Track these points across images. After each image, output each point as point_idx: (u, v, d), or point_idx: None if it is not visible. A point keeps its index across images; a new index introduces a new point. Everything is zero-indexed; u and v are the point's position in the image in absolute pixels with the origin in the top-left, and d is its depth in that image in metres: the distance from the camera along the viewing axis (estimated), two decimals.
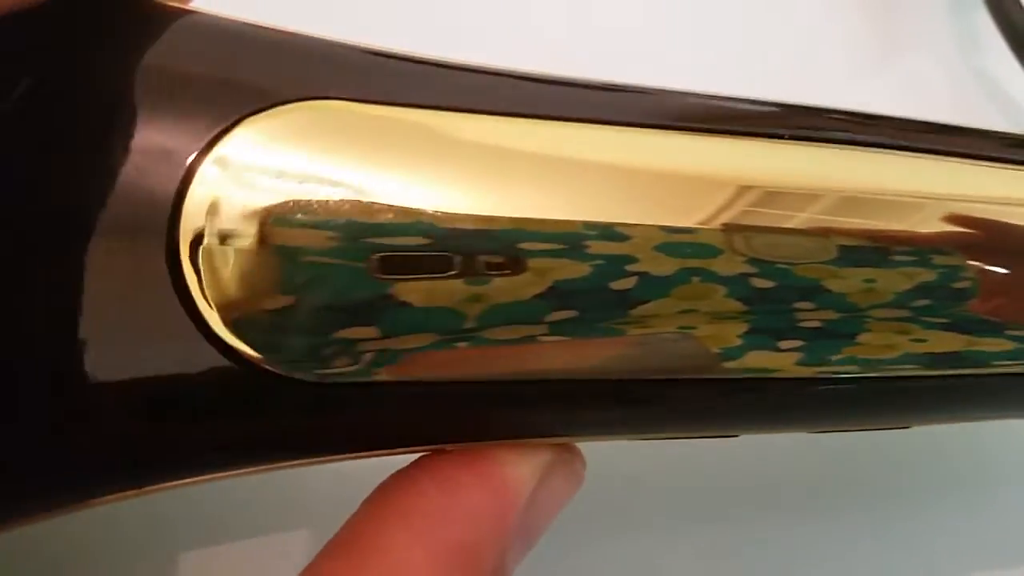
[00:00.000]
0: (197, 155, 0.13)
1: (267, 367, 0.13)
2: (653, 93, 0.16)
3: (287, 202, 0.13)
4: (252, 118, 0.13)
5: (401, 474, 0.14)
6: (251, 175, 0.13)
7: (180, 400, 0.13)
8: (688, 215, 0.14)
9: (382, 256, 0.13)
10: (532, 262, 0.13)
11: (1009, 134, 0.18)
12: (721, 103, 0.16)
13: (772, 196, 0.15)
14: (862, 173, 0.15)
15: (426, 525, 0.14)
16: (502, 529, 0.14)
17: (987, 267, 0.15)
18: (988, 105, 0.27)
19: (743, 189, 0.14)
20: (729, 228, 0.14)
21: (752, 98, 0.16)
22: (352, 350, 0.13)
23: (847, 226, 0.15)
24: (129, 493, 0.14)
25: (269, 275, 0.13)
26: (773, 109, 0.16)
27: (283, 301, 0.13)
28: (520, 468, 0.15)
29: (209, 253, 0.12)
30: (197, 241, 0.12)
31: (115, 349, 0.12)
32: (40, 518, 0.14)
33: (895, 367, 0.15)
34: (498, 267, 0.13)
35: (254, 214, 0.12)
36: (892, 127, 0.17)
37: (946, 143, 0.16)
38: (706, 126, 0.15)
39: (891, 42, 0.28)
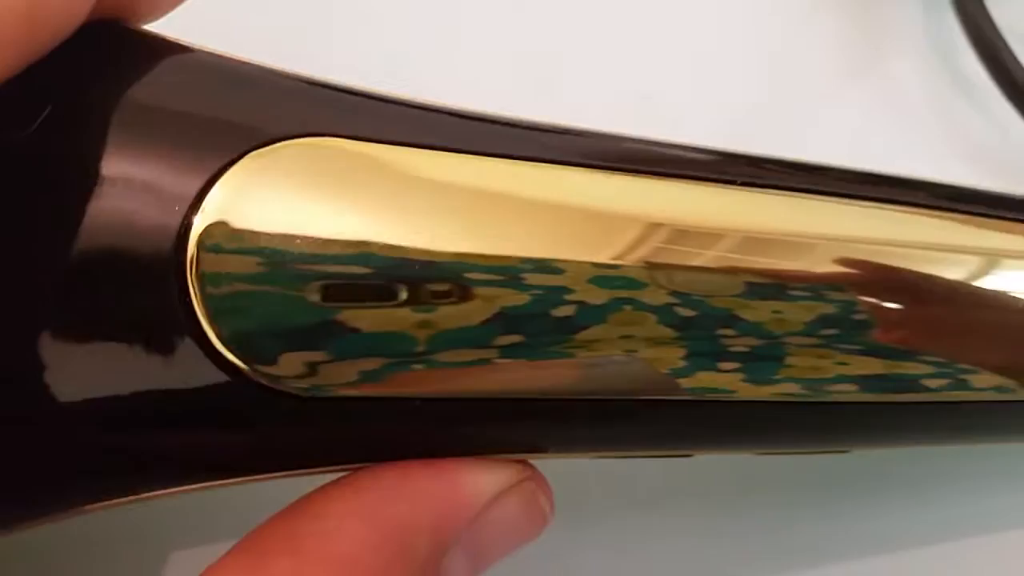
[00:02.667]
0: (203, 186, 0.14)
1: (255, 379, 0.14)
2: (590, 136, 0.17)
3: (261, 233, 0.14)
4: (250, 154, 0.14)
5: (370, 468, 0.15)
6: (244, 208, 0.14)
7: (173, 409, 0.14)
8: (612, 250, 0.15)
9: (325, 284, 0.14)
10: (478, 290, 0.14)
11: (910, 178, 0.19)
12: (648, 148, 0.17)
13: (683, 234, 0.16)
14: (765, 215, 0.16)
15: (371, 500, 0.14)
16: (444, 524, 0.15)
17: (880, 303, 0.16)
18: (961, 107, 0.28)
19: (660, 227, 0.16)
20: (651, 265, 0.15)
21: (683, 144, 0.17)
22: (318, 370, 0.14)
23: (750, 264, 0.16)
24: (116, 501, 0.15)
25: (251, 300, 0.14)
26: (700, 156, 0.17)
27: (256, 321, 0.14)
28: (477, 477, 0.15)
29: (205, 275, 0.13)
30: (196, 263, 0.13)
31: (117, 361, 0.13)
32: (34, 523, 0.15)
33: (834, 386, 0.16)
34: (445, 295, 0.14)
35: (244, 239, 0.14)
36: (799, 172, 0.18)
37: (844, 187, 0.18)
38: (631, 167, 0.16)
39: (866, 48, 0.28)
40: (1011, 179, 0.27)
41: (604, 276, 0.15)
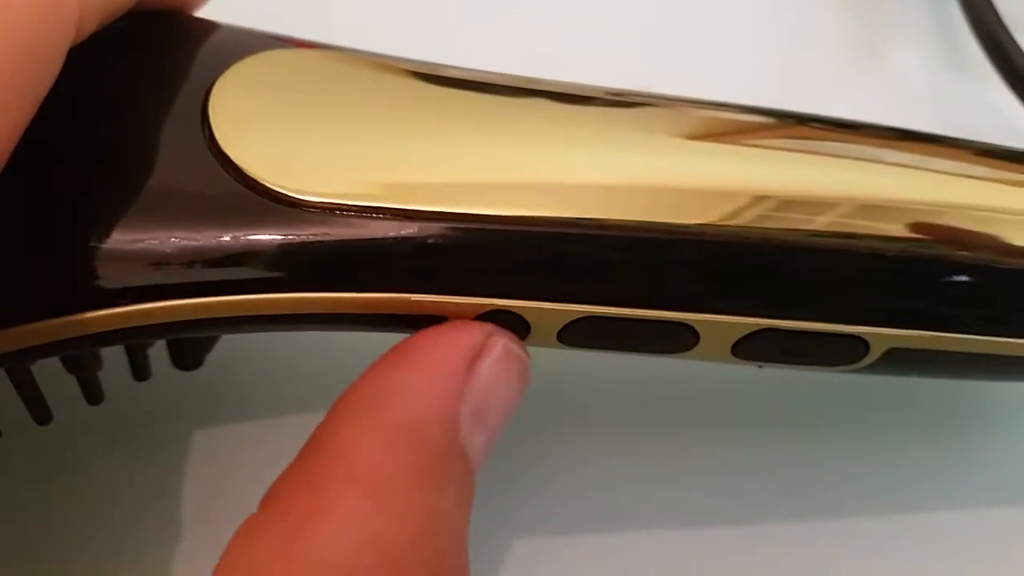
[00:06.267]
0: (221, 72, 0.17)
1: (278, 191, 0.16)
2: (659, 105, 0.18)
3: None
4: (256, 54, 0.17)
5: (346, 389, 0.15)
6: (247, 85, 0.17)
7: (199, 220, 0.16)
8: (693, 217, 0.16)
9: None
10: None
11: (980, 144, 0.19)
12: (720, 113, 0.18)
13: (774, 200, 0.17)
14: (841, 181, 0.17)
15: (365, 414, 0.15)
16: (442, 402, 0.15)
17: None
18: (966, 98, 0.28)
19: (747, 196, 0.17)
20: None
21: (747, 106, 0.18)
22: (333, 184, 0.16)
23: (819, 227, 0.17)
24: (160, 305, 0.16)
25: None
26: (777, 121, 0.18)
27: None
28: (447, 346, 0.16)
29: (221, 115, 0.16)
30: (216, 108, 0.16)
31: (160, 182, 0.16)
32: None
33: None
34: None
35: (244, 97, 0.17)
36: (874, 135, 0.18)
37: (926, 151, 0.18)
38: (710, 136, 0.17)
39: (870, 40, 0.28)
40: None
41: None
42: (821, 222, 0.17)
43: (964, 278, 0.17)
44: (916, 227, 0.17)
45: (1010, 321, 0.18)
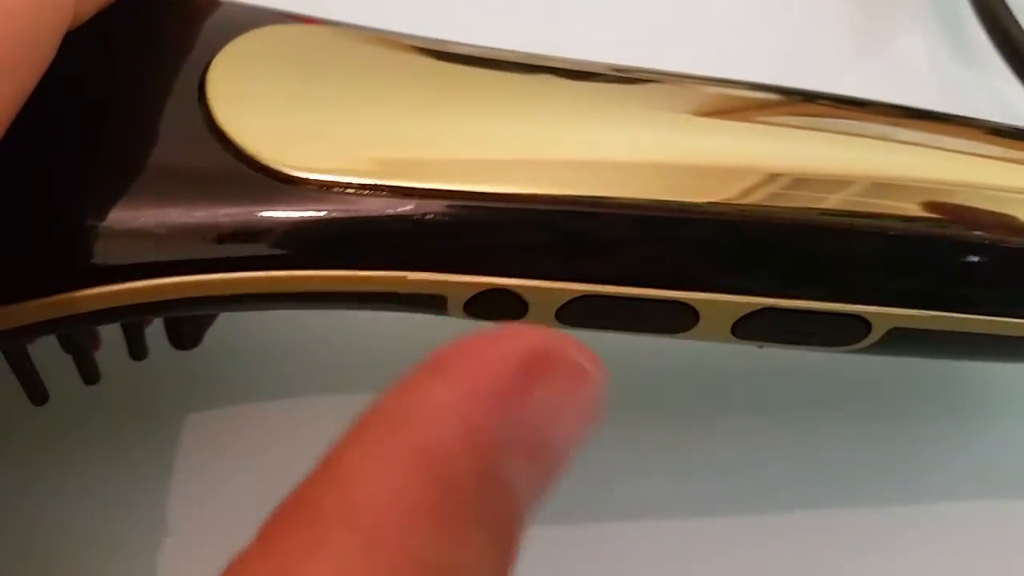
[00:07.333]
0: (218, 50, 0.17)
1: (275, 168, 0.16)
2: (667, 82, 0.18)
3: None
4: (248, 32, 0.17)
5: (370, 404, 0.12)
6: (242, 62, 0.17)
7: (199, 197, 0.16)
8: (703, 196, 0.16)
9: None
10: None
11: (988, 123, 0.19)
12: (731, 91, 0.18)
13: (775, 178, 0.16)
14: (853, 159, 0.17)
15: (378, 436, 0.11)
16: (476, 423, 0.12)
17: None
18: (969, 84, 0.27)
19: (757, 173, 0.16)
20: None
21: (758, 83, 0.18)
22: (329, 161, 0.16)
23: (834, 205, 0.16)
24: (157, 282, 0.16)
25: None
26: (780, 97, 0.18)
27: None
28: (493, 355, 0.12)
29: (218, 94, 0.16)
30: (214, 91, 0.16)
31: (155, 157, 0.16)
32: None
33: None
34: None
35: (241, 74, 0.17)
36: (880, 113, 0.18)
37: (932, 129, 0.18)
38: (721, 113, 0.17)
39: (874, 27, 0.28)
40: None
41: None
42: (824, 201, 0.17)
43: (968, 257, 0.17)
44: (919, 206, 0.17)
45: (1013, 301, 0.17)
